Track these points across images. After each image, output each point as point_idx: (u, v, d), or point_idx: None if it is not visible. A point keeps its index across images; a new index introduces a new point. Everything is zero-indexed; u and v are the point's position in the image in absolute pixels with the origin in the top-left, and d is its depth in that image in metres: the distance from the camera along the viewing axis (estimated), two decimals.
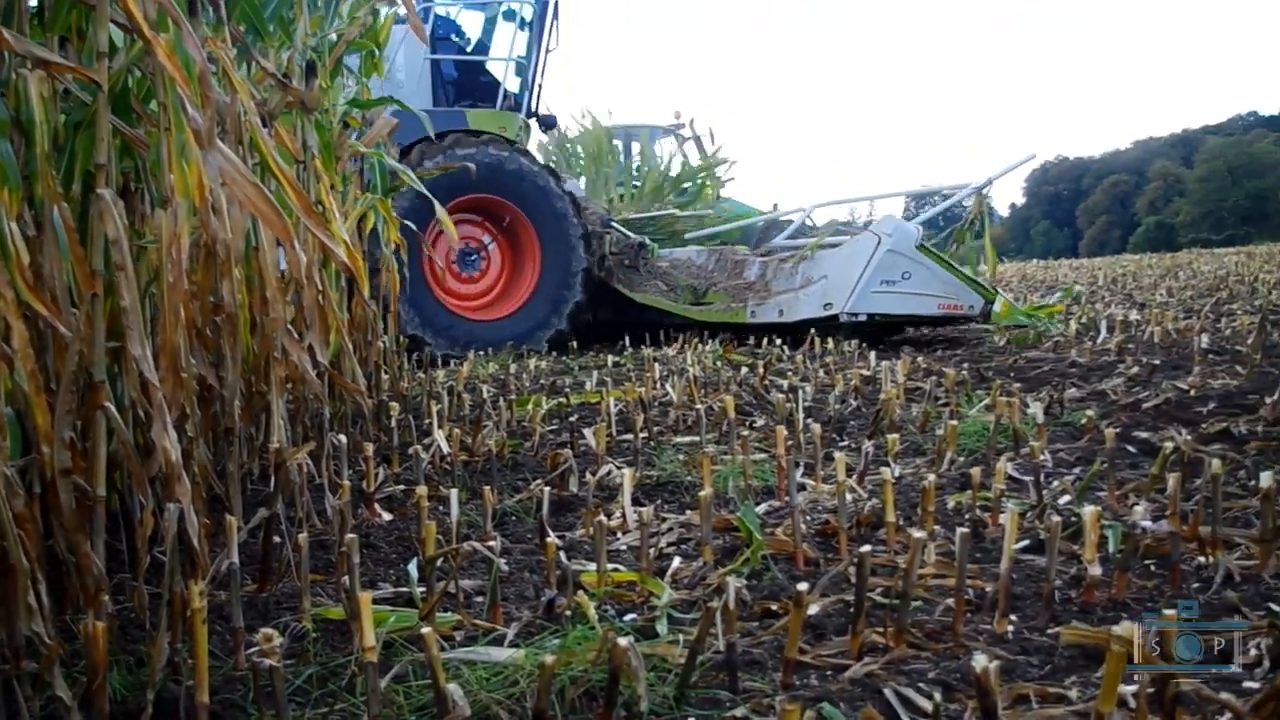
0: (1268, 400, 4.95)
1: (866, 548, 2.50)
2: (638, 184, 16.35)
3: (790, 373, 7.10)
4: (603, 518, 3.15)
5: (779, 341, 9.28)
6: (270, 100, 4.32)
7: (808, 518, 3.61)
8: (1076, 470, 4.13)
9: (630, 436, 5.04)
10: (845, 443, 5.00)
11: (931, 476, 3.34)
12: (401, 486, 4.35)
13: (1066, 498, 3.67)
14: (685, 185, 16.82)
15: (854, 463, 4.10)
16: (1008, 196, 79.34)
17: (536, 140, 12.76)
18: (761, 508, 3.76)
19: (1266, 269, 15.23)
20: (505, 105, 11.51)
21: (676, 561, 3.18)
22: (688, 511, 3.81)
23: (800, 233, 11.93)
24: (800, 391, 5.92)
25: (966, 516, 3.51)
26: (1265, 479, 2.88)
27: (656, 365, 7.52)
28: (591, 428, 4.93)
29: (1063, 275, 25.64)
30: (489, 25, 12.10)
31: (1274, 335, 7.27)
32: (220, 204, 3.07)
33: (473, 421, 5.37)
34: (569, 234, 10.86)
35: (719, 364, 7.89)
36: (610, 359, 8.98)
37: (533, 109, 11.90)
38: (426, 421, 5.38)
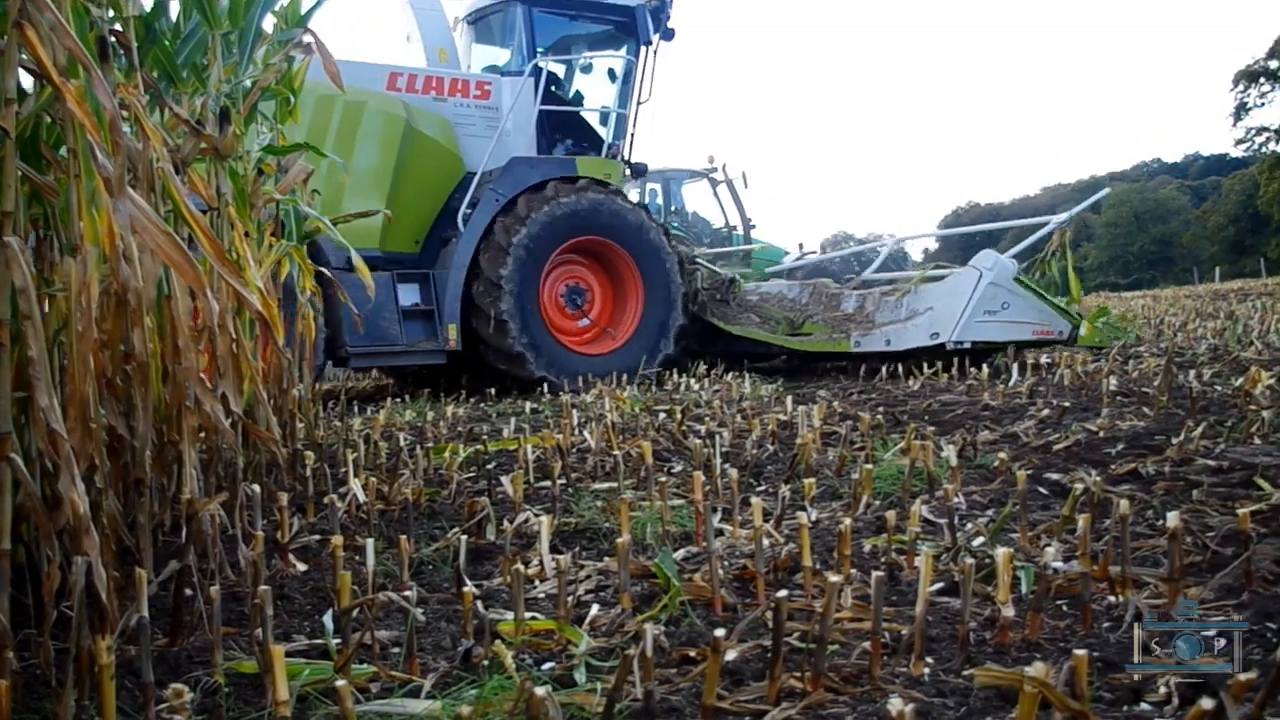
0: (1174, 441, 5.06)
1: (783, 592, 2.51)
2: (678, 229, 16.95)
3: (708, 418, 7.13)
4: (520, 566, 3.13)
5: (696, 387, 9.32)
6: (183, 147, 4.28)
7: (725, 563, 3.62)
8: (990, 512, 4.18)
9: (548, 483, 5.03)
10: (762, 487, 5.02)
11: (848, 520, 3.36)
12: (317, 536, 4.30)
13: (980, 539, 3.71)
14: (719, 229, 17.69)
15: (771, 507, 4.12)
16: (922, 242, 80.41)
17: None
18: (679, 554, 3.77)
19: (1171, 312, 15.58)
20: (608, 154, 12.25)
21: (595, 609, 3.17)
22: (606, 558, 3.80)
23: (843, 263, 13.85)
24: (718, 437, 5.94)
25: (882, 559, 3.53)
26: (1172, 519, 2.94)
27: (575, 412, 7.51)
28: (509, 475, 4.90)
29: None
30: (587, 79, 12.91)
31: (1179, 377, 7.43)
32: (131, 251, 3.03)
33: (389, 470, 5.33)
34: (666, 264, 11.54)
35: (637, 410, 7.90)
36: (529, 405, 8.96)
37: (626, 157, 12.52)
38: (342, 470, 5.32)
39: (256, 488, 4.06)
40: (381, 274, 10.07)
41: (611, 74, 12.68)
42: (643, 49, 12.23)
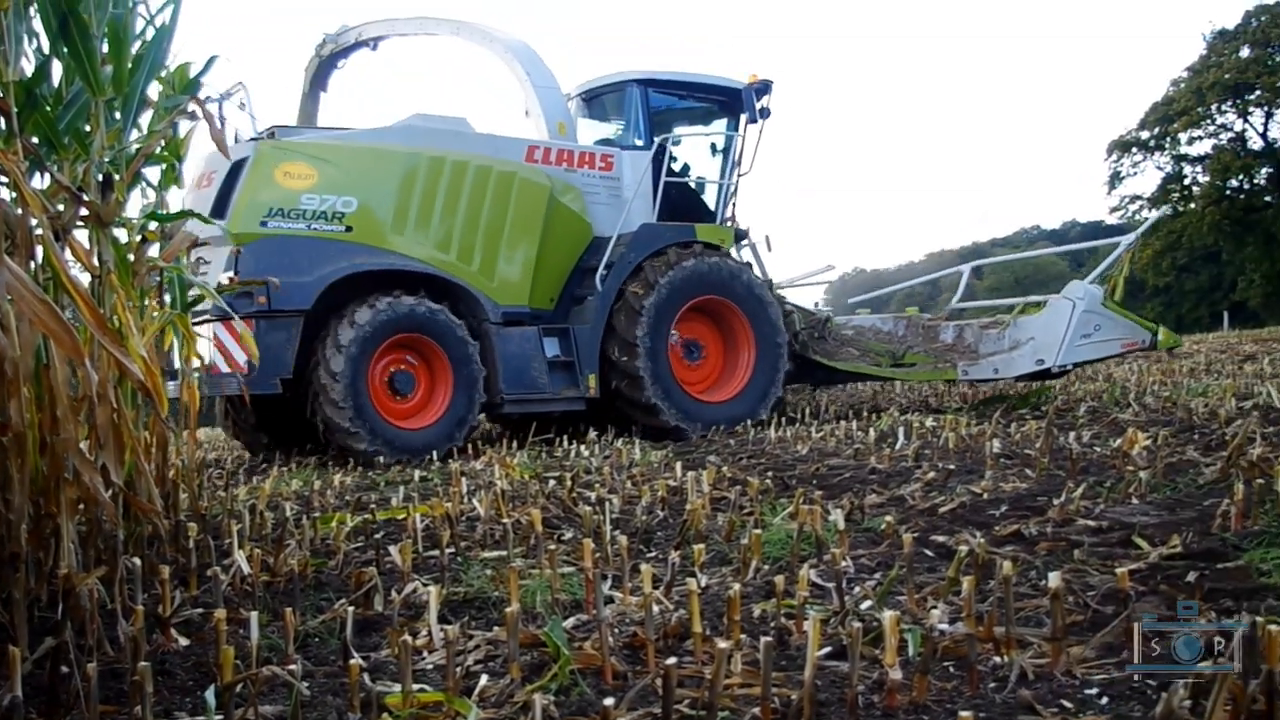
0: (1055, 502, 5.18)
1: (672, 660, 2.52)
2: None
3: (598, 484, 7.13)
4: (408, 637, 3.09)
5: (586, 453, 9.33)
6: (65, 214, 4.22)
7: (616, 630, 3.61)
8: (877, 575, 4.23)
9: (437, 552, 4.97)
10: (653, 554, 5.03)
11: (737, 586, 3.38)
12: (200, 610, 4.20)
13: (868, 603, 3.75)
14: None
15: (661, 573, 4.13)
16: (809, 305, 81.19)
17: None
18: (569, 622, 3.75)
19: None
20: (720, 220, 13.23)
21: (484, 679, 3.14)
22: (495, 628, 3.77)
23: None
24: (608, 503, 5.93)
25: (772, 624, 3.55)
26: (1053, 579, 3.01)
27: (464, 479, 7.47)
28: (397, 544, 4.85)
29: None
30: (693, 151, 13.82)
31: (1060, 439, 7.59)
32: (8, 320, 2.98)
33: (275, 540, 5.24)
34: (773, 316, 12.40)
35: (527, 477, 7.87)
36: (418, 474, 8.87)
37: (729, 221, 13.42)
38: (226, 541, 5.22)
39: (137, 561, 3.98)
40: (530, 328, 11.32)
41: (714, 147, 13.60)
42: (744, 125, 13.17)
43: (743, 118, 13.05)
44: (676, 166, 13.31)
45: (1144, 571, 3.93)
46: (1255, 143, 56.83)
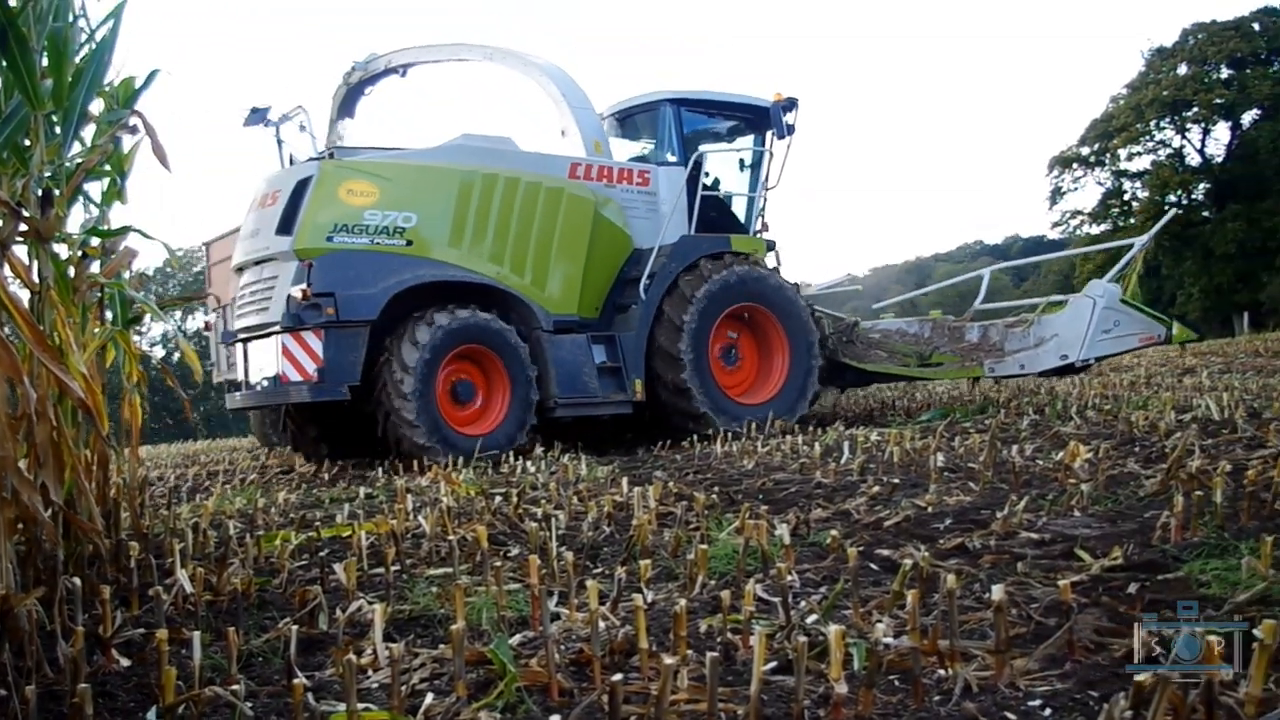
0: (999, 515, 5.22)
1: (618, 676, 2.52)
2: None
3: (544, 500, 7.11)
4: (352, 655, 3.07)
5: (532, 469, 9.31)
6: (3, 229, 4.16)
7: (562, 647, 3.60)
8: (823, 589, 4.25)
9: (382, 570, 4.95)
10: (599, 570, 5.02)
11: (683, 601, 3.38)
12: (141, 630, 4.15)
13: (814, 617, 3.77)
14: None
15: (607, 590, 4.12)
16: None
17: None
18: (515, 639, 3.74)
19: (995, 389, 16.11)
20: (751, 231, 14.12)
21: (429, 698, 3.13)
22: (441, 646, 3.75)
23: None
24: (554, 519, 5.93)
25: (718, 640, 3.56)
26: (996, 592, 3.04)
27: (409, 496, 7.44)
28: (342, 562, 4.82)
29: None
30: (723, 166, 14.60)
31: (1003, 452, 7.66)
32: None
33: (218, 559, 5.18)
34: (803, 317, 13.21)
35: (473, 493, 7.84)
36: (363, 491, 8.83)
37: (759, 232, 14.33)
38: (169, 560, 5.16)
39: (78, 581, 3.93)
40: (580, 336, 12.09)
41: (742, 163, 14.57)
42: (771, 140, 13.99)
43: (770, 134, 13.81)
44: (709, 181, 13.99)
45: (1086, 583, 3.97)
46: (1193, 159, 57.83)
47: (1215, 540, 4.45)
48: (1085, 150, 58.25)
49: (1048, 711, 2.79)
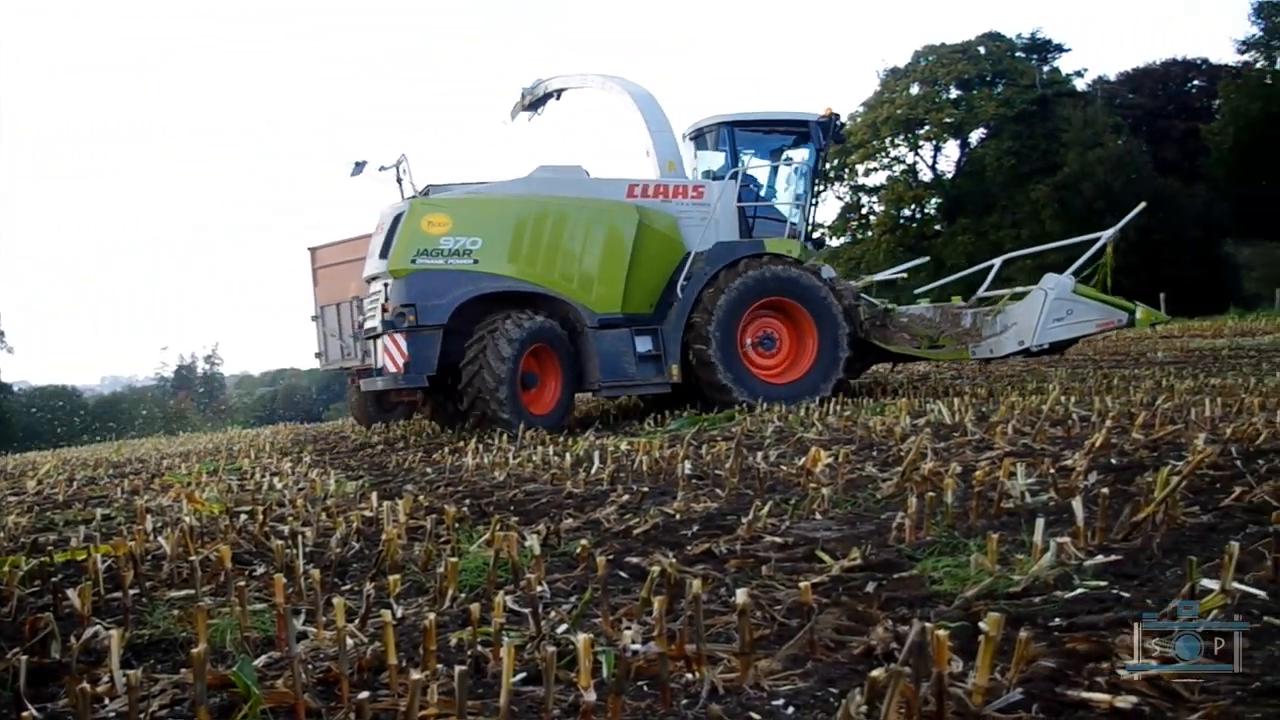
0: (744, 520, 5.35)
1: (366, 694, 2.47)
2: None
3: (291, 517, 6.94)
4: (87, 685, 2.93)
5: (280, 485, 9.08)
6: None
7: (309, 666, 3.52)
8: (573, 598, 4.27)
9: (120, 594, 4.74)
10: (347, 586, 4.93)
11: (432, 615, 3.35)
12: None
13: (564, 626, 3.78)
14: None
15: (356, 606, 4.06)
16: None
17: None
18: (261, 660, 3.63)
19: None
20: (791, 234, 15.94)
21: None
22: (183, 670, 3.62)
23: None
24: (301, 536, 5.79)
25: (468, 653, 3.53)
26: (741, 595, 3.10)
27: (149, 517, 7.15)
28: (76, 587, 4.59)
29: None
30: (778, 176, 16.88)
31: (749, 459, 7.84)
32: None
33: None
34: (833, 313, 14.95)
35: (217, 512, 7.59)
36: (100, 512, 8.45)
37: (809, 234, 16.45)
38: None
39: None
40: (623, 330, 14.33)
41: (792, 173, 16.64)
42: (816, 152, 16.11)
43: (816, 146, 15.96)
44: (762, 191, 16.54)
45: (827, 584, 4.11)
46: (925, 174, 60.55)
47: (946, 539, 4.66)
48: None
49: (790, 710, 2.87)
